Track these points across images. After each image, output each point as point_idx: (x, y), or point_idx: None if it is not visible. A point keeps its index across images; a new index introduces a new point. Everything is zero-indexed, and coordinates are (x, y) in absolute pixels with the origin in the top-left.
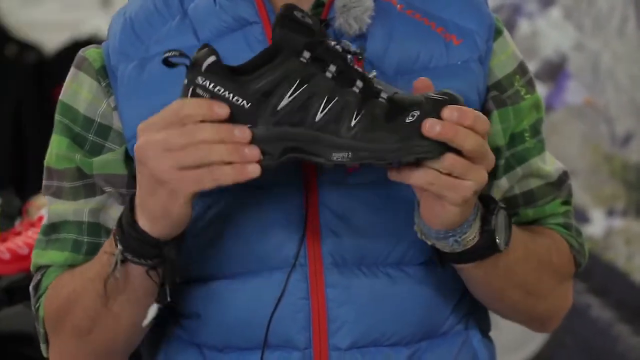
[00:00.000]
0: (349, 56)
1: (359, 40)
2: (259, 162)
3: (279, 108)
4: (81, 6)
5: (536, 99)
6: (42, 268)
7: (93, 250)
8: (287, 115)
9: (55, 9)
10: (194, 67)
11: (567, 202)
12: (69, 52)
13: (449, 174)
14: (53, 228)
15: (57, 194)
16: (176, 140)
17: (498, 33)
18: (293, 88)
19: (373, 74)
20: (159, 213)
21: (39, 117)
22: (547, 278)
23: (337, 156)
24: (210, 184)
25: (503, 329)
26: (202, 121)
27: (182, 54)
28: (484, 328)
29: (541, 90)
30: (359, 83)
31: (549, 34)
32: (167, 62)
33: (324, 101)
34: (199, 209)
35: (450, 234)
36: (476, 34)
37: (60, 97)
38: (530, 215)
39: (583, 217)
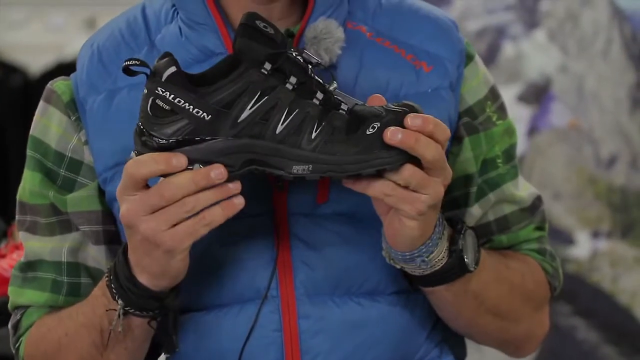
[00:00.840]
0: (310, 67)
1: (329, 70)
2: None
3: (239, 120)
4: (66, 29)
5: (508, 124)
6: (21, 307)
7: (73, 290)
8: (247, 127)
9: (40, 31)
10: (154, 77)
11: (540, 228)
12: (54, 75)
13: (406, 187)
14: (30, 266)
15: (32, 229)
16: (157, 201)
17: (469, 58)
18: (254, 100)
19: (334, 85)
20: (158, 271)
21: (23, 140)
22: (520, 303)
23: (298, 169)
24: (205, 230)
25: (486, 353)
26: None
27: (142, 63)
28: (460, 355)
29: (526, 112)
30: (320, 95)
31: (533, 56)
32: (127, 71)
33: (285, 113)
34: None
35: (416, 254)
36: (447, 60)
37: (31, 131)
38: (504, 242)
39: (568, 239)
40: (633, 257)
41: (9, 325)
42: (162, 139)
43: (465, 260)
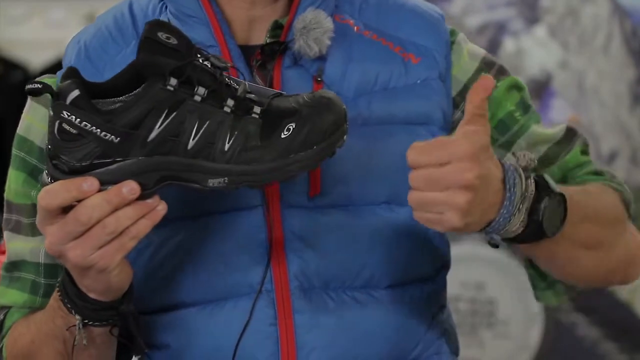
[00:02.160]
0: (218, 72)
1: (318, 62)
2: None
3: (148, 140)
4: (66, 24)
5: (510, 80)
6: (4, 308)
7: (50, 292)
8: (158, 145)
9: (40, 27)
10: (58, 100)
11: (585, 152)
12: (55, 71)
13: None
14: (14, 265)
15: (16, 229)
16: (76, 227)
17: (452, 43)
18: (162, 119)
19: (244, 84)
20: (101, 289)
21: None
22: (610, 228)
23: (213, 182)
24: (133, 243)
25: (487, 349)
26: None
27: (45, 86)
28: (455, 351)
29: None
30: (230, 102)
31: (534, 52)
32: (31, 93)
33: (195, 127)
34: (158, 240)
35: (490, 230)
36: (434, 52)
37: (18, 130)
38: (556, 173)
39: None
40: None
41: None
42: (73, 163)
43: (545, 230)
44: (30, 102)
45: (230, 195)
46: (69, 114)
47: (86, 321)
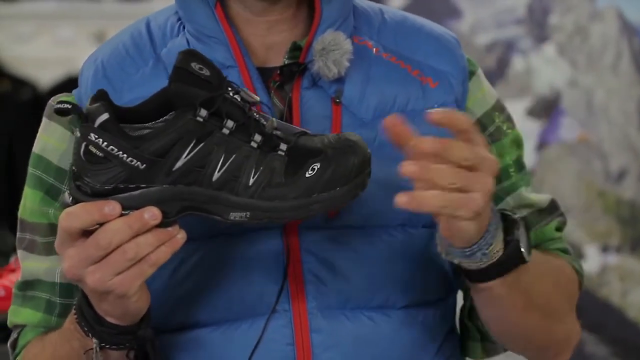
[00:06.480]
0: (247, 105)
1: (337, 83)
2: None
3: (174, 169)
4: (74, 43)
5: (516, 134)
6: (18, 326)
7: (66, 312)
8: (183, 175)
9: (49, 45)
10: (86, 122)
11: (560, 229)
12: (64, 88)
13: (457, 190)
14: (28, 285)
15: (30, 248)
16: (96, 252)
17: (471, 73)
18: (189, 149)
19: (272, 120)
20: (119, 313)
21: None
22: (562, 299)
23: (235, 216)
24: (152, 270)
25: None
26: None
27: (74, 107)
28: None
29: (535, 126)
30: (257, 137)
31: (542, 70)
32: (60, 112)
33: (221, 160)
34: (177, 260)
35: (476, 249)
36: (451, 76)
37: (33, 148)
38: (531, 239)
39: (577, 254)
40: None
41: (8, 344)
42: (96, 185)
43: (522, 250)
44: (46, 121)
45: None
46: (96, 136)
47: (103, 344)
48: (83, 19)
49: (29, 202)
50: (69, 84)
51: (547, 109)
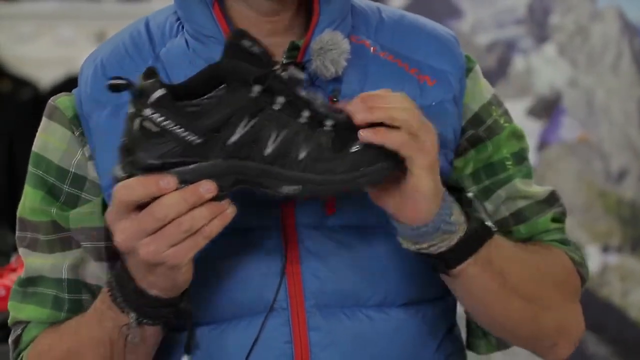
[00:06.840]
0: (295, 83)
1: (334, 83)
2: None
3: (228, 143)
4: (76, 42)
5: (514, 127)
6: (21, 323)
7: (75, 307)
8: (236, 149)
9: (50, 45)
10: (141, 98)
11: (559, 220)
12: (64, 88)
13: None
14: (30, 281)
15: (32, 246)
16: (151, 224)
17: (469, 70)
18: (242, 124)
19: (320, 98)
20: (166, 285)
21: None
22: (549, 288)
23: (287, 189)
24: (205, 242)
25: None
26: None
27: (128, 83)
28: None
29: (535, 126)
30: (306, 113)
31: (543, 70)
32: (113, 88)
33: (273, 134)
34: None
35: (437, 219)
36: (450, 74)
37: (33, 147)
38: (522, 232)
39: None
40: None
41: (9, 341)
42: (150, 160)
43: (487, 223)
44: (46, 121)
45: (246, 214)
46: (152, 111)
47: (141, 319)
48: (83, 19)
49: (30, 201)
50: (69, 83)
51: (547, 109)
